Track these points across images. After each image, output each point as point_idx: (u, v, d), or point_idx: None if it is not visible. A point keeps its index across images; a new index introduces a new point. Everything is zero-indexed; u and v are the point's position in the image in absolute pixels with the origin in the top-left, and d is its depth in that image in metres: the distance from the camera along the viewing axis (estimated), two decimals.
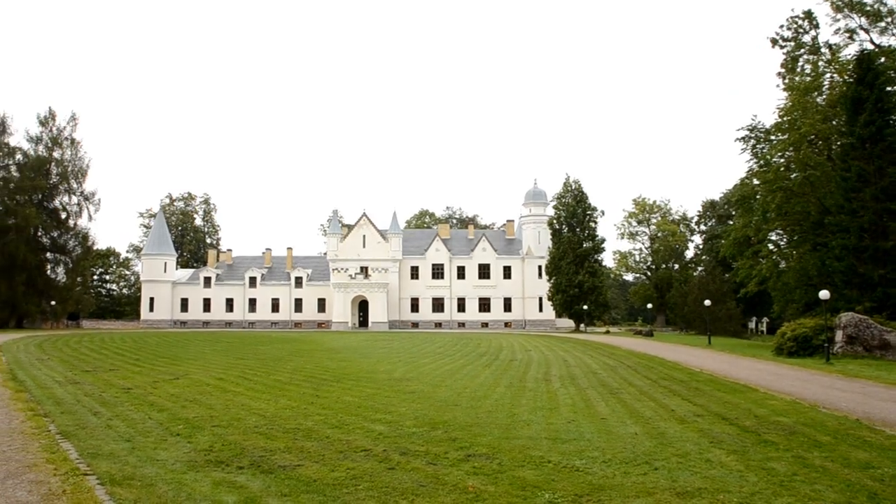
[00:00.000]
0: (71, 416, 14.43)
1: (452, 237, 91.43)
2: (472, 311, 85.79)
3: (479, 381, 22.15)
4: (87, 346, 40.41)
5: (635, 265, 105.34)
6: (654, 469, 10.24)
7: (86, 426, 13.20)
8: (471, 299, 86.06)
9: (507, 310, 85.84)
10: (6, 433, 12.23)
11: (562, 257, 69.93)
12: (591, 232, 71.25)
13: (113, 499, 8.19)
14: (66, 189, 79.06)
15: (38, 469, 9.52)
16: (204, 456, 10.76)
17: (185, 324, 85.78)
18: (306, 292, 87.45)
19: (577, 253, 69.17)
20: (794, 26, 44.31)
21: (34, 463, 9.88)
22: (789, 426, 13.74)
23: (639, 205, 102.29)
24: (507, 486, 9.26)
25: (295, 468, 10.02)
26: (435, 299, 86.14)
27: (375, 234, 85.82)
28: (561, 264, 69.80)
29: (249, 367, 27.21)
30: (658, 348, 39.90)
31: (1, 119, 74.53)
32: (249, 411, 15.29)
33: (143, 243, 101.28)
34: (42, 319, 76.21)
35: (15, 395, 17.33)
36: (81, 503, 7.87)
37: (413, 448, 11.50)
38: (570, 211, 71.23)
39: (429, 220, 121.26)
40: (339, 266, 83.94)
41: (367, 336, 58.74)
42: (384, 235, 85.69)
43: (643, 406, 16.71)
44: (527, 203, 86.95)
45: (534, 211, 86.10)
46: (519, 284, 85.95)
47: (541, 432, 13.14)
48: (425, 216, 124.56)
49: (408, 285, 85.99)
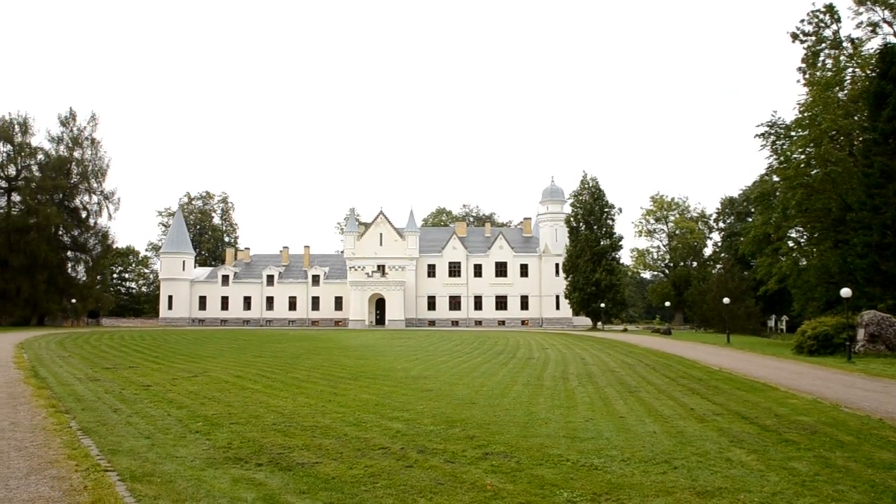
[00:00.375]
0: (91, 412, 14.55)
1: (469, 235, 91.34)
2: (489, 310, 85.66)
3: (496, 380, 22.10)
4: (107, 343, 40.81)
5: (653, 263, 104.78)
6: (673, 468, 10.15)
7: (106, 423, 13.29)
8: (487, 297, 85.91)
9: (524, 308, 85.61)
10: (28, 429, 12.35)
11: (579, 255, 69.67)
12: (608, 229, 70.89)
13: (133, 495, 8.23)
14: (86, 188, 79.88)
15: (59, 465, 9.60)
16: (223, 453, 10.80)
17: (204, 322, 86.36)
18: (323, 290, 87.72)
19: (595, 251, 68.88)
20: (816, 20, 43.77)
21: (56, 459, 9.96)
22: (810, 425, 13.58)
23: (656, 202, 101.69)
24: (525, 484, 9.22)
25: (313, 466, 10.03)
26: (452, 297, 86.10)
27: (392, 233, 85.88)
28: (578, 262, 69.55)
29: (267, 364, 27.33)
30: (676, 346, 39.66)
31: (23, 120, 75.44)
32: (268, 409, 15.34)
33: (161, 242, 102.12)
34: (63, 317, 77.08)
35: (37, 392, 17.50)
36: (102, 499, 7.91)
37: (431, 446, 11.48)
38: (588, 208, 70.91)
39: (446, 219, 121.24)
40: (356, 264, 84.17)
41: (384, 334, 58.83)
42: (401, 233, 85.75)
43: (662, 404, 16.59)
44: (544, 201, 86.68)
45: (551, 209, 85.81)
46: (536, 282, 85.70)
47: (559, 430, 13.08)
48: (442, 214, 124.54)
49: (425, 283, 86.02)
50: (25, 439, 11.40)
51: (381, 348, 38.34)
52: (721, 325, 64.14)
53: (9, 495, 8.10)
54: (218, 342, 43.42)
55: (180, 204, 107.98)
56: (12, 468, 9.39)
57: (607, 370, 25.52)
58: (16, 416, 13.82)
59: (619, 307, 72.65)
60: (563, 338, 50.71)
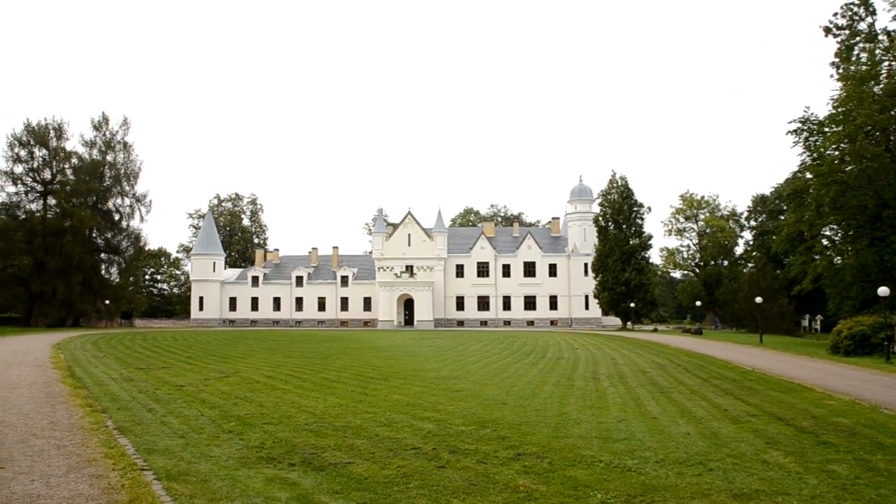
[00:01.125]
0: (127, 412, 14.74)
1: (497, 235, 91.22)
2: (518, 310, 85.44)
3: (526, 380, 22.02)
4: (140, 344, 41.41)
5: (683, 262, 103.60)
6: (708, 470, 10.01)
7: (141, 422, 13.46)
8: (516, 297, 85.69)
9: (553, 308, 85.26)
10: (67, 428, 12.56)
11: (608, 254, 69.22)
12: (637, 229, 70.35)
13: (169, 494, 8.31)
14: (118, 191, 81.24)
15: (97, 463, 9.73)
16: (256, 453, 10.88)
17: (234, 322, 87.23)
18: (352, 291, 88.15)
19: (624, 250, 68.39)
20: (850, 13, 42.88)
21: (93, 457, 10.10)
22: (849, 427, 13.32)
23: (686, 200, 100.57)
24: (558, 485, 9.15)
25: (346, 466, 10.06)
26: (480, 297, 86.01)
27: (420, 233, 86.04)
28: (607, 262, 69.10)
29: (297, 365, 27.51)
30: (708, 346, 39.21)
31: (58, 125, 76.93)
32: (299, 409, 15.43)
33: (192, 243, 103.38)
34: (97, 318, 78.44)
35: (74, 392, 17.79)
36: (140, 497, 8.00)
37: (462, 446, 11.45)
38: (616, 208, 70.42)
39: (473, 219, 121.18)
40: (385, 265, 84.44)
41: (413, 334, 58.95)
42: (429, 234, 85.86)
43: (695, 405, 16.40)
44: (572, 200, 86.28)
45: (579, 208, 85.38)
46: (565, 282, 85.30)
47: (591, 431, 12.98)
48: (470, 214, 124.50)
49: (453, 284, 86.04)
50: (64, 438, 11.59)
51: (410, 349, 38.42)
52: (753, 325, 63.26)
53: (50, 492, 8.24)
54: (248, 343, 43.84)
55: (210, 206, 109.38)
56: (52, 466, 9.54)
57: (638, 370, 25.30)
58: (54, 415, 14.06)
59: (649, 307, 72.02)
60: (593, 338, 50.40)
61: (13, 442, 11.25)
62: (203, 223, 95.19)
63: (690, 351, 35.31)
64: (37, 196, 76.69)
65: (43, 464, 9.70)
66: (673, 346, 39.88)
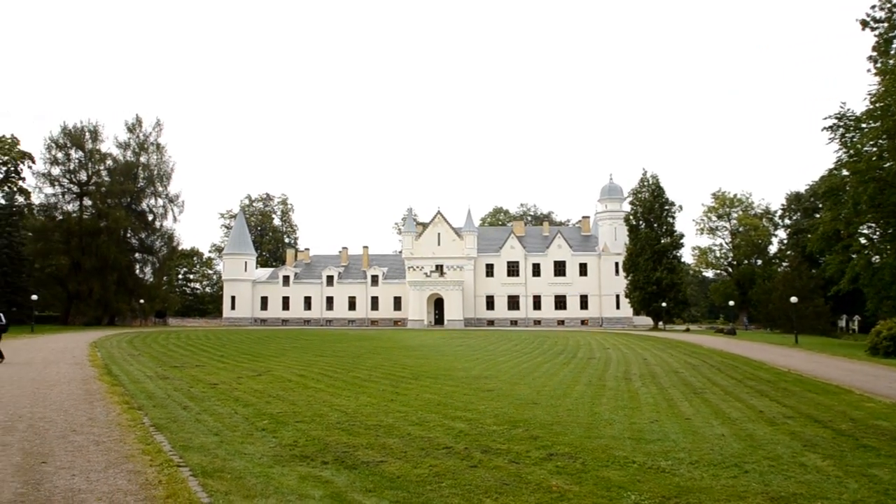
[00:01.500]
0: (162, 409, 14.96)
1: (527, 234, 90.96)
2: (548, 309, 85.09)
3: (557, 380, 21.93)
4: (174, 342, 42.00)
5: (715, 261, 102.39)
6: (744, 472, 9.87)
7: (176, 419, 13.65)
8: (546, 297, 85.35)
9: (584, 307, 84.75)
10: (105, 424, 12.79)
11: (639, 254, 68.65)
12: (668, 227, 69.67)
13: (205, 490, 8.41)
14: (152, 192, 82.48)
15: (135, 459, 9.89)
16: (289, 451, 10.96)
17: (265, 321, 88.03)
18: (382, 290, 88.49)
19: (655, 249, 67.77)
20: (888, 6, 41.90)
21: (131, 454, 10.27)
22: (891, 431, 13.05)
23: (718, 199, 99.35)
24: (591, 486, 9.09)
25: (378, 464, 10.10)
26: (510, 297, 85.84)
27: (450, 232, 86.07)
28: (638, 261, 68.54)
29: (329, 364, 27.69)
30: (742, 347, 38.70)
31: (93, 127, 78.30)
32: (331, 407, 15.52)
33: (224, 243, 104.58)
34: (132, 317, 79.75)
35: (111, 389, 18.10)
36: (176, 493, 8.12)
37: (494, 446, 11.44)
38: (647, 206, 69.81)
39: (503, 218, 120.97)
40: (415, 264, 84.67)
41: (443, 334, 59.00)
42: (459, 233, 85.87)
43: (729, 406, 16.19)
44: (602, 199, 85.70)
45: (609, 207, 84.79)
46: (595, 281, 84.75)
47: (623, 432, 12.88)
48: (499, 213, 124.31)
49: (483, 283, 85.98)
50: (102, 434, 11.80)
51: (440, 348, 38.47)
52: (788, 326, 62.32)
53: (90, 487, 8.40)
54: (280, 342, 44.23)
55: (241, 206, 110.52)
56: (92, 462, 9.73)
57: (671, 371, 25.06)
58: (92, 411, 14.32)
59: (681, 306, 71.28)
60: (624, 338, 50.02)
61: (54, 437, 11.49)
62: (234, 223, 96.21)
63: (723, 351, 34.88)
64: (73, 197, 78.18)
65: (83, 459, 9.89)
66: (705, 346, 39.43)
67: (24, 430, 12.21)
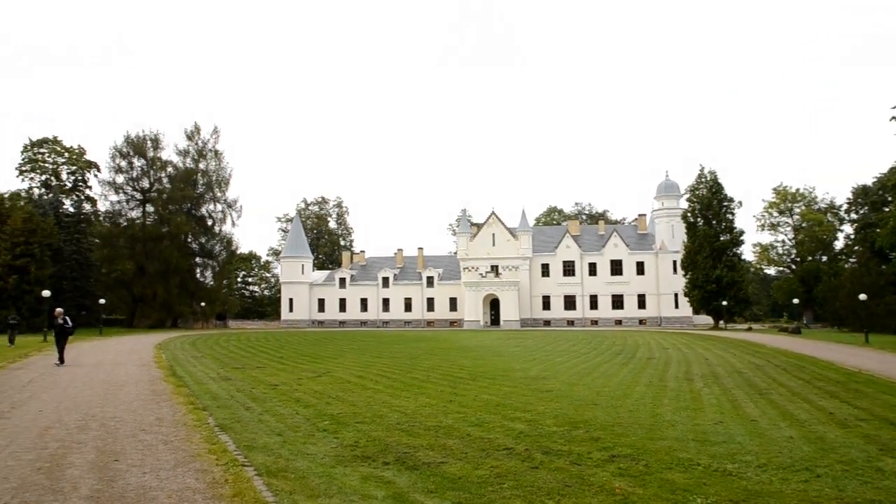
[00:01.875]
0: (226, 410, 15.27)
1: (582, 233, 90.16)
2: (605, 309, 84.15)
3: (617, 380, 21.63)
4: (235, 344, 42.90)
5: (777, 258, 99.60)
6: (815, 476, 9.54)
7: (240, 420, 13.91)
8: (603, 296, 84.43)
9: (641, 306, 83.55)
10: (172, 424, 13.13)
11: (697, 251, 67.35)
12: (728, 224, 68.18)
13: (270, 489, 8.55)
14: (211, 197, 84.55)
15: (201, 459, 10.12)
16: (350, 451, 11.05)
17: (323, 323, 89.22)
18: (438, 291, 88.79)
19: (714, 246, 66.39)
20: None
21: (198, 453, 10.51)
22: None
23: (780, 194, 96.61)
24: (655, 488, 8.92)
25: (439, 465, 10.11)
26: (566, 297, 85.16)
27: (505, 233, 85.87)
28: (697, 259, 67.24)
29: (387, 365, 27.88)
30: (807, 346, 37.55)
31: (154, 136, 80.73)
32: (390, 408, 15.61)
33: (281, 247, 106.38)
34: (193, 319, 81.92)
35: (176, 390, 18.57)
36: (242, 492, 8.27)
37: (555, 447, 11.33)
38: (705, 203, 68.44)
39: (558, 217, 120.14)
40: (470, 265, 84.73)
41: (500, 334, 58.88)
42: (513, 233, 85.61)
43: (796, 408, 15.71)
44: (658, 196, 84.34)
45: (666, 204, 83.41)
46: (653, 280, 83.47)
47: (687, 433, 12.61)
48: (554, 213, 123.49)
49: (538, 283, 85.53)
50: (170, 434, 12.12)
51: (497, 348, 38.38)
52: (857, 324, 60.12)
53: (160, 485, 8.65)
54: (338, 343, 44.75)
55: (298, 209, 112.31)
56: (161, 460, 10.00)
57: (733, 371, 24.47)
58: (160, 411, 14.72)
59: (742, 305, 69.56)
60: (684, 337, 49.09)
61: (125, 436, 11.86)
62: (291, 226, 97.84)
63: (788, 351, 33.91)
64: (136, 204, 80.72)
65: (152, 457, 10.18)
66: (769, 345, 38.40)
67: (97, 428, 12.64)
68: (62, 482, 8.83)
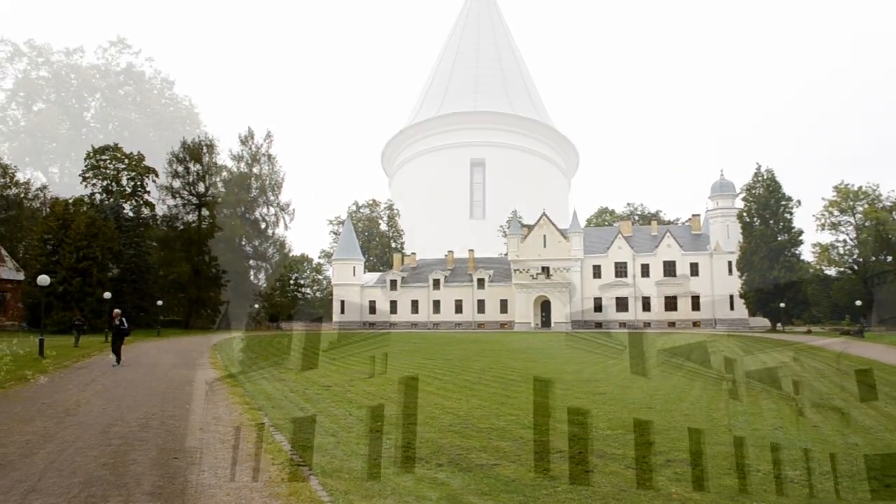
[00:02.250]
0: (280, 410, 15.51)
1: (634, 234, 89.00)
2: (658, 311, 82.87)
3: (671, 383, 21.26)
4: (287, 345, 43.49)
5: (839, 258, 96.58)
6: (884, 486, 9.23)
7: (294, 420, 14.12)
8: (656, 298, 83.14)
9: (696, 308, 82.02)
10: (228, 423, 13.42)
11: (754, 252, 65.90)
12: (786, 224, 66.52)
13: (325, 489, 8.66)
14: (264, 201, 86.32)
15: (258, 458, 10.32)
16: (403, 452, 11.11)
17: (374, 325, 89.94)
18: (488, 293, 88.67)
19: (771, 247, 64.85)
20: None
21: (254, 452, 10.72)
22: None
23: (841, 192, 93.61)
24: (714, 494, 8.75)
25: (492, 467, 10.09)
26: (618, 298, 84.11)
27: (555, 234, 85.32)
28: (753, 259, 65.79)
29: (438, 366, 27.93)
30: (872, 350, 36.32)
31: (210, 142, 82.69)
32: (443, 410, 15.64)
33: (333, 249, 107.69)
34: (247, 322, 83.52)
35: (232, 390, 18.95)
36: (298, 492, 8.40)
37: (609, 451, 11.20)
38: (762, 202, 66.91)
39: (609, 218, 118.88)
40: (520, 266, 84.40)
41: (550, 336, 58.48)
42: (564, 235, 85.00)
43: (861, 414, 15.20)
44: (713, 196, 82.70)
45: (721, 204, 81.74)
46: (707, 281, 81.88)
47: (745, 438, 12.31)
48: (605, 214, 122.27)
49: (590, 284, 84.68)
50: (227, 433, 12.38)
51: (548, 351, 38.14)
52: None
53: (219, 483, 8.85)
54: (389, 345, 45.01)
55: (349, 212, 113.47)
56: (218, 458, 10.23)
57: (792, 374, 23.82)
58: (216, 411, 15.04)
59: (801, 307, 67.86)
60: (739, 339, 48.02)
61: (184, 434, 12.18)
62: (342, 229, 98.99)
63: (851, 354, 32.87)
64: (192, 208, 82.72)
65: (210, 456, 10.41)
66: (830, 348, 37.29)
67: (157, 427, 12.99)
68: (125, 478, 9.11)
